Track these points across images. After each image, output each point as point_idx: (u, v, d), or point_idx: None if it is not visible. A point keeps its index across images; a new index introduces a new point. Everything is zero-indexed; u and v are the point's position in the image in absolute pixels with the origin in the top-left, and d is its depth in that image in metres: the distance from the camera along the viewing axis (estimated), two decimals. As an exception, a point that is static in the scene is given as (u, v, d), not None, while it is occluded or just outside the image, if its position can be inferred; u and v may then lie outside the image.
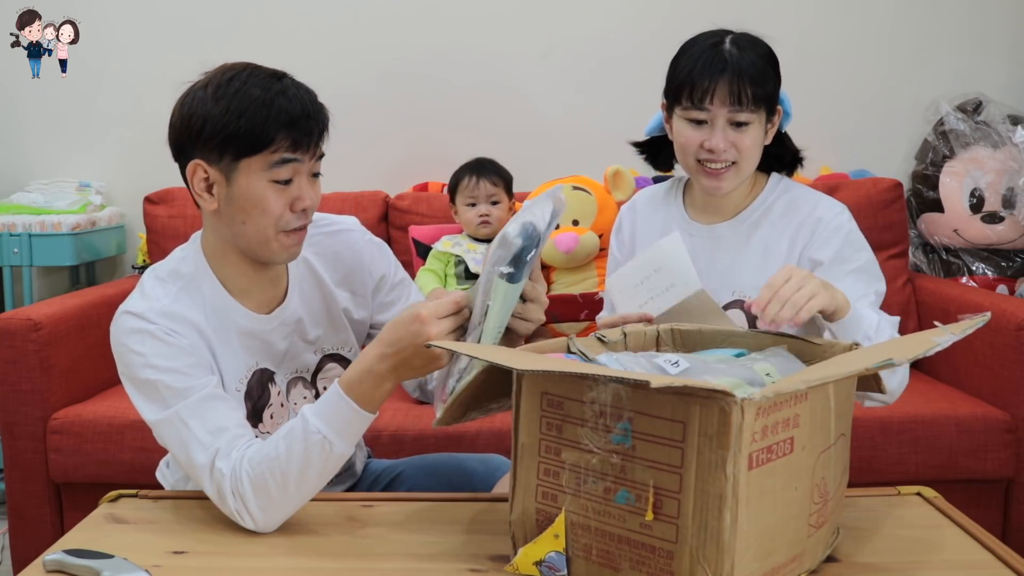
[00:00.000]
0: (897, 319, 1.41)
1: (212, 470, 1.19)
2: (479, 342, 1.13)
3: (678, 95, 1.47)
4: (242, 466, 1.17)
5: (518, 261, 1.11)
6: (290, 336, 1.38)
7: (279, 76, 1.27)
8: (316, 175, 1.31)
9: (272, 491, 1.16)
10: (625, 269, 1.41)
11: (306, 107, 1.25)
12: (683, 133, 1.48)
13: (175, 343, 1.25)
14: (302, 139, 1.25)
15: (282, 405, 1.38)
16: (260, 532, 1.18)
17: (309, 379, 1.41)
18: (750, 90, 1.42)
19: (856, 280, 1.43)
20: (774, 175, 1.57)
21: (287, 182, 1.26)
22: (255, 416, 1.34)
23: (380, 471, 1.57)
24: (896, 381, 1.36)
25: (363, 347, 1.48)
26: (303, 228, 1.30)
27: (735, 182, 1.49)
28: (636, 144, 1.67)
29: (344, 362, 1.44)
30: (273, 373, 1.37)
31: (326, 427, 1.17)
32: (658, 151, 1.64)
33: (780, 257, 1.49)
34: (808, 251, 1.48)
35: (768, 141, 1.51)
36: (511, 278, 1.11)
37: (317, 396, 1.40)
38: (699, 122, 1.45)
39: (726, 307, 1.47)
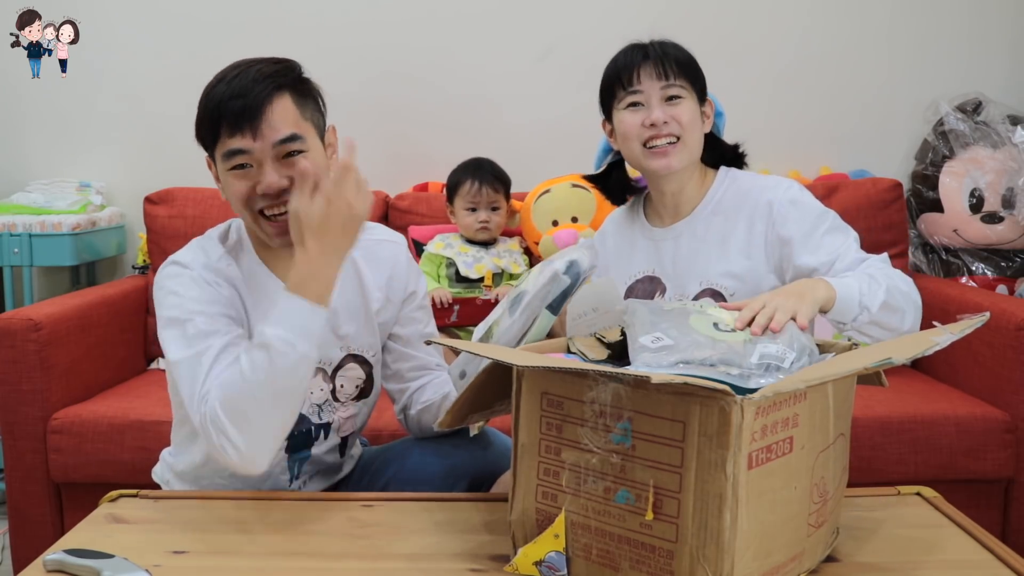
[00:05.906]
0: (884, 255, 1.44)
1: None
2: None
3: (612, 88, 1.55)
4: (212, 395, 1.18)
5: (563, 296, 1.21)
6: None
7: (246, 64, 1.28)
8: (291, 154, 1.27)
9: (247, 409, 1.16)
10: (575, 299, 1.41)
11: (239, 89, 1.24)
12: (624, 121, 1.54)
13: (213, 292, 1.29)
14: (237, 122, 1.24)
15: None
16: (248, 469, 1.18)
17: (329, 372, 1.42)
18: (675, 65, 1.51)
19: (833, 237, 1.47)
20: (722, 169, 1.62)
21: (243, 167, 1.28)
22: None
23: (369, 458, 1.60)
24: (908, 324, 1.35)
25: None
26: (280, 216, 1.29)
27: (683, 158, 1.53)
28: (590, 178, 1.74)
29: (365, 364, 1.45)
30: None
31: (283, 330, 1.17)
32: (607, 180, 1.71)
33: (739, 243, 1.53)
34: (771, 234, 1.50)
35: (707, 130, 1.58)
36: (553, 310, 1.22)
37: (333, 391, 1.43)
38: (636, 104, 1.53)
39: (696, 297, 1.53)
